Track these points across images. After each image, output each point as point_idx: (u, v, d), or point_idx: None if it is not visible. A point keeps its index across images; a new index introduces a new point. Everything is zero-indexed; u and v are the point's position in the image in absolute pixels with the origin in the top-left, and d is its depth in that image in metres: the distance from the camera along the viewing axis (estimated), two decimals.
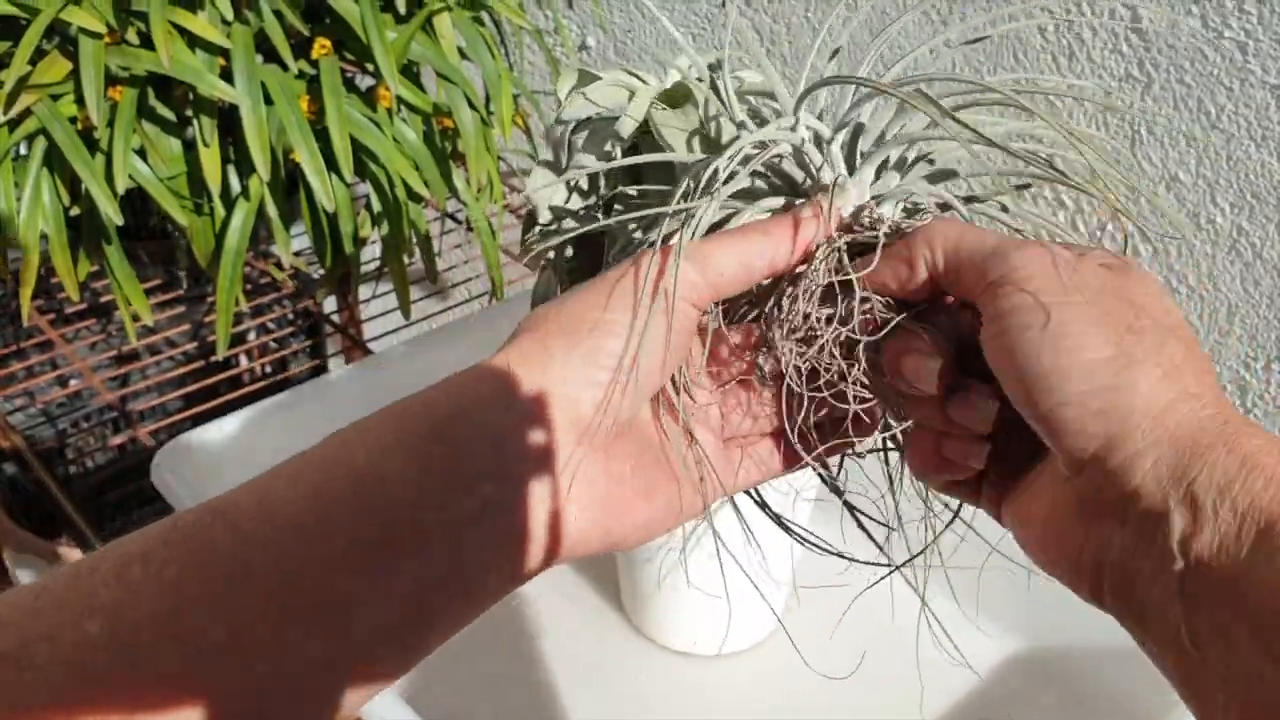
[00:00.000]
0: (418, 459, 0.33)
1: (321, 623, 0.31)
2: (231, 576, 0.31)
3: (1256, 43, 0.64)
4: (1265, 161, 0.66)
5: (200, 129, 0.72)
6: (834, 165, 0.39)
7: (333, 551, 0.31)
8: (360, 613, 0.31)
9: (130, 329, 0.79)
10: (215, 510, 0.32)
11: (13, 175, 0.71)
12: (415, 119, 0.80)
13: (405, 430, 0.34)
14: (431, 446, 0.33)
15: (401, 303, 0.86)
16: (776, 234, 0.37)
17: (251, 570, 0.31)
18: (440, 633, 0.34)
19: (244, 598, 0.30)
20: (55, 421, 1.17)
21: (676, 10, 0.97)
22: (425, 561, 0.32)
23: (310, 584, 0.31)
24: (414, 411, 0.35)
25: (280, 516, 0.32)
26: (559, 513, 0.34)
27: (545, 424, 0.34)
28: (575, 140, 0.46)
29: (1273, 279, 0.68)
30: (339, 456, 0.33)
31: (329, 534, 0.31)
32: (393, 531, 0.32)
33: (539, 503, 0.34)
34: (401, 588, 0.32)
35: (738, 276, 0.36)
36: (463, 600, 0.33)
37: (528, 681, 0.69)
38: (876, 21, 0.82)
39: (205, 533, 0.31)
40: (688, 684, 0.72)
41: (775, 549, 0.66)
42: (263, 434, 0.75)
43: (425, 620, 0.33)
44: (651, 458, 0.37)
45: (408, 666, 0.33)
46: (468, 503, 0.33)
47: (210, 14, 0.72)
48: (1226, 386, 0.72)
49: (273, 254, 1.07)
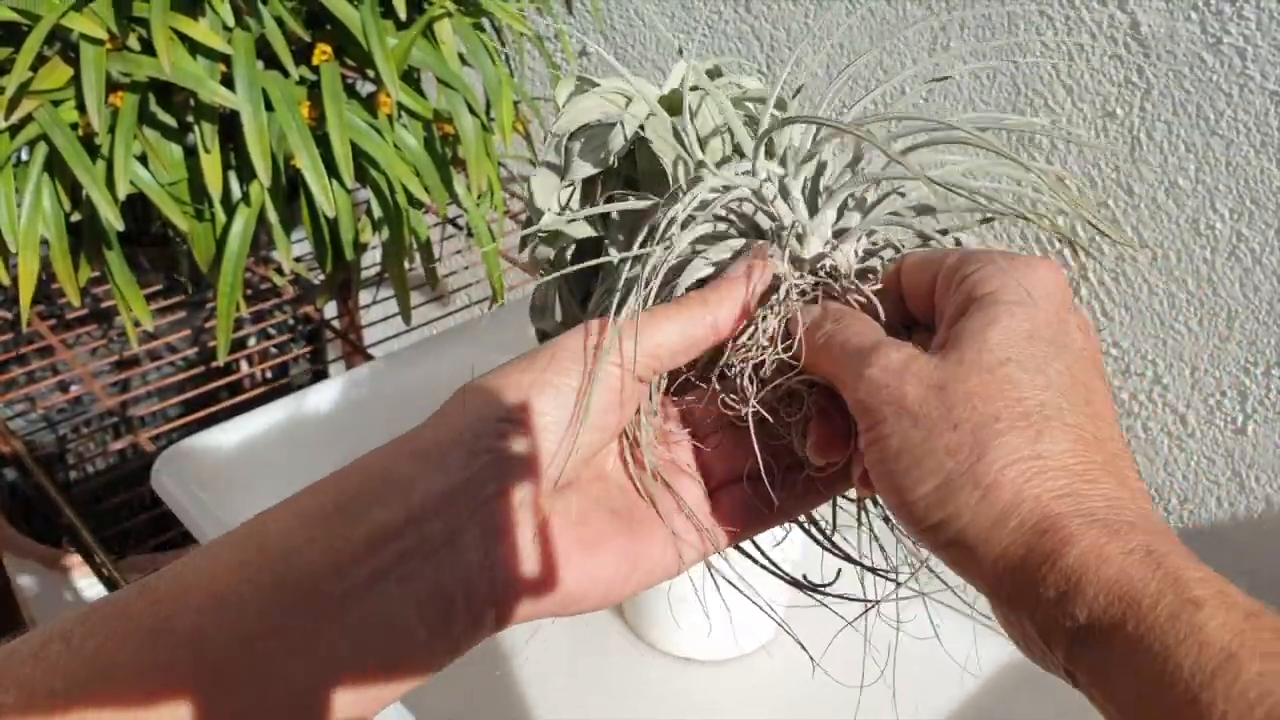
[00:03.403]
0: (320, 527, 0.33)
1: (243, 687, 0.31)
2: (153, 643, 0.30)
3: (1255, 48, 0.64)
4: (1265, 167, 0.66)
5: (201, 135, 0.73)
6: (794, 208, 0.39)
7: (246, 622, 0.31)
8: (279, 678, 0.31)
9: (131, 334, 0.79)
10: (134, 589, 0.32)
11: (14, 181, 0.71)
12: (416, 125, 0.80)
13: (315, 501, 0.34)
14: (333, 514, 0.33)
15: (402, 308, 0.86)
16: (713, 301, 0.37)
17: (171, 636, 0.31)
18: (376, 695, 0.33)
19: (164, 666, 0.30)
20: (56, 427, 1.18)
21: (676, 16, 0.97)
22: (341, 628, 0.32)
23: (228, 651, 0.31)
24: (328, 483, 0.34)
25: (196, 589, 0.32)
26: (487, 564, 0.34)
27: (459, 476, 0.34)
28: (572, 147, 0.46)
29: (1272, 285, 0.68)
30: (254, 530, 0.34)
31: (240, 604, 0.31)
32: (299, 600, 0.32)
33: (454, 558, 0.33)
34: (321, 652, 0.32)
35: (677, 349, 0.37)
36: (392, 664, 0.33)
37: (527, 685, 0.69)
38: (876, 26, 0.82)
39: (123, 606, 0.32)
40: (689, 690, 0.72)
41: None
42: (263, 439, 0.75)
43: (356, 684, 0.32)
44: (606, 511, 0.37)
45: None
46: (367, 566, 0.32)
47: (211, 20, 0.72)
48: (1226, 392, 0.72)
49: (273, 259, 1.07)
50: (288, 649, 0.31)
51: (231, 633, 0.31)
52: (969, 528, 0.31)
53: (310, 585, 0.32)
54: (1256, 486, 0.73)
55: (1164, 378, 0.75)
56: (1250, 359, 0.70)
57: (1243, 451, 0.73)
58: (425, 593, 0.33)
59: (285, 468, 0.75)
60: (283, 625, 0.31)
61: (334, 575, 0.32)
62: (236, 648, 0.31)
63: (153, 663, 0.30)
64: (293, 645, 0.31)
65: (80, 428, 1.19)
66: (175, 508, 0.70)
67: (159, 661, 0.30)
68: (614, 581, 0.36)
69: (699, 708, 0.71)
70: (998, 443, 0.31)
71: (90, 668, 0.30)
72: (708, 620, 0.70)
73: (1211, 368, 0.72)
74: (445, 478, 0.34)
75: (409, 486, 0.34)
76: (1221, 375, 0.72)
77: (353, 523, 0.33)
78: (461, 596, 0.33)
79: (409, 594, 0.33)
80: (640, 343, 0.36)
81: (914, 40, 0.80)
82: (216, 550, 0.33)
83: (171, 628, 0.31)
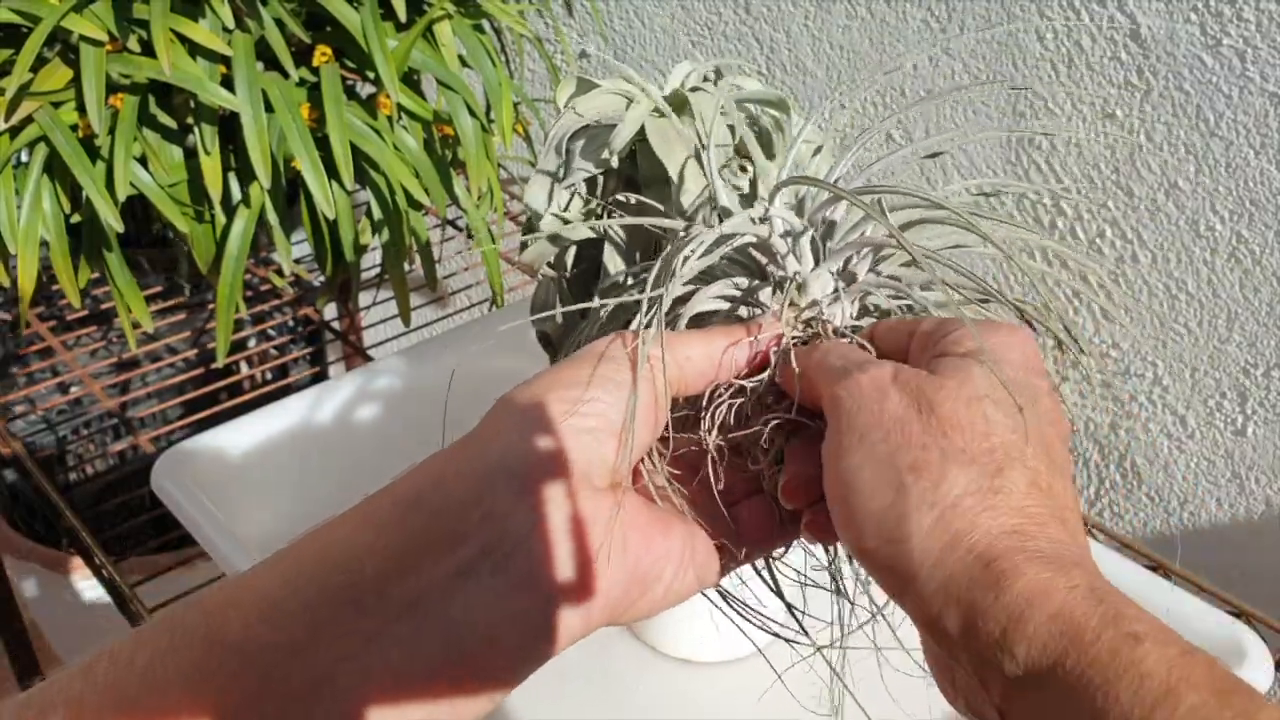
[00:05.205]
0: (393, 532, 0.33)
1: (299, 705, 0.30)
2: (206, 653, 0.30)
3: (1255, 50, 0.64)
4: (1264, 169, 0.66)
5: (201, 136, 0.73)
6: (801, 259, 0.40)
7: (299, 632, 0.31)
8: (335, 691, 0.31)
9: (131, 336, 0.79)
10: (183, 604, 0.32)
11: (13, 182, 0.71)
12: (416, 126, 0.80)
13: (376, 507, 0.34)
14: (407, 515, 0.33)
15: (402, 310, 0.86)
16: (735, 334, 0.38)
17: (222, 646, 0.30)
18: (466, 700, 0.32)
19: (219, 676, 0.30)
20: (56, 428, 1.18)
21: (676, 17, 0.97)
22: (408, 633, 0.31)
23: (283, 663, 0.31)
24: (390, 490, 0.34)
25: (247, 599, 0.31)
26: (579, 557, 0.33)
27: (541, 474, 0.34)
28: (573, 147, 0.46)
29: (1272, 286, 0.68)
30: (311, 542, 0.33)
31: (295, 615, 0.31)
32: (362, 607, 0.31)
33: (541, 550, 0.33)
34: (383, 662, 0.31)
35: (703, 368, 0.37)
36: (470, 668, 0.32)
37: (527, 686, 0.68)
38: (876, 30, 0.82)
39: (173, 621, 0.31)
40: (688, 691, 0.72)
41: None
42: (263, 441, 0.75)
43: (425, 691, 0.32)
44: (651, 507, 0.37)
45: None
46: (445, 564, 0.32)
47: (211, 22, 0.73)
48: (1226, 394, 0.72)
49: (273, 261, 1.07)
50: (339, 656, 0.31)
51: (279, 641, 0.31)
52: (916, 551, 0.31)
53: (377, 588, 0.32)
54: (1256, 488, 0.73)
55: (1164, 379, 0.75)
56: (1250, 360, 0.70)
57: (1242, 453, 0.73)
58: (510, 588, 0.32)
59: (286, 469, 0.75)
60: (339, 632, 0.31)
61: (402, 575, 0.32)
62: (286, 656, 0.30)
63: (203, 674, 0.30)
64: (349, 652, 0.31)
65: (80, 429, 1.19)
66: (175, 509, 0.70)
67: (209, 671, 0.30)
68: (680, 564, 0.36)
69: (699, 709, 0.71)
70: (960, 471, 0.32)
71: (140, 682, 0.30)
72: (708, 622, 0.70)
73: (1211, 369, 0.72)
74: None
75: (480, 495, 0.33)
76: (1221, 377, 0.72)
77: (425, 519, 0.33)
78: (541, 593, 0.33)
79: (492, 590, 0.32)
80: (671, 354, 0.36)
81: (914, 42, 0.80)
82: (274, 560, 0.33)
83: (222, 638, 0.30)
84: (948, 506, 0.31)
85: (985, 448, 0.32)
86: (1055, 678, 0.28)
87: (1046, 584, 0.29)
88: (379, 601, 0.31)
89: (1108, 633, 0.28)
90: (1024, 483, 0.32)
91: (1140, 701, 0.26)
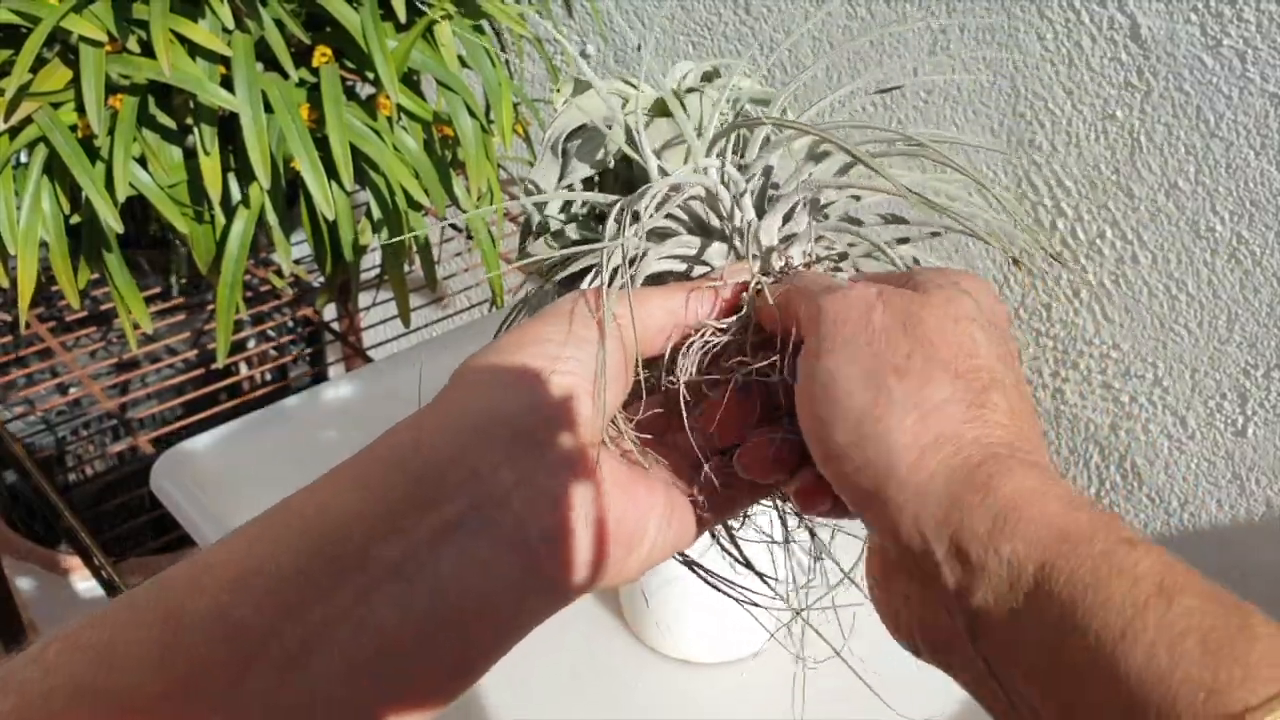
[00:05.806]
0: (376, 492, 0.32)
1: (281, 670, 0.29)
2: (162, 627, 0.29)
3: (1255, 50, 0.64)
4: (1264, 169, 0.66)
5: (201, 137, 0.73)
6: (744, 210, 0.40)
7: (277, 596, 0.30)
8: (322, 655, 0.30)
9: (130, 337, 0.79)
10: (148, 582, 0.31)
11: (13, 183, 0.71)
12: (415, 127, 0.80)
13: (358, 470, 0.33)
14: (389, 475, 0.32)
15: (401, 310, 0.86)
16: (694, 288, 0.38)
17: (188, 621, 0.29)
18: (460, 658, 0.32)
19: (183, 649, 0.29)
20: (55, 429, 1.17)
21: (676, 18, 0.97)
22: (399, 592, 0.31)
23: (260, 630, 0.29)
24: (370, 451, 0.34)
25: (216, 569, 0.30)
26: (566, 513, 0.33)
27: (525, 430, 0.34)
28: (570, 148, 0.46)
29: (1272, 287, 0.68)
30: (289, 506, 0.32)
31: (271, 578, 0.30)
32: (342, 565, 0.30)
33: (529, 506, 0.32)
34: (375, 622, 0.30)
35: (664, 322, 0.37)
36: (461, 629, 0.32)
37: (526, 687, 0.68)
38: (876, 30, 0.82)
39: (130, 598, 0.30)
40: (687, 692, 0.72)
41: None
42: (262, 441, 0.75)
43: (416, 653, 0.31)
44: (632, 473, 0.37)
45: (441, 697, 0.32)
46: (431, 521, 0.31)
47: (211, 23, 0.72)
48: (1226, 395, 0.72)
49: (273, 262, 1.07)
50: (325, 619, 0.30)
51: (257, 605, 0.30)
52: (895, 448, 0.30)
53: (362, 549, 0.31)
54: (1257, 489, 0.73)
55: (1164, 380, 0.75)
56: (1250, 361, 0.70)
57: (1243, 454, 0.73)
58: (499, 544, 0.32)
59: (285, 470, 0.75)
60: (326, 590, 0.30)
61: (388, 536, 0.31)
62: (263, 620, 0.29)
63: (160, 647, 0.29)
64: (335, 615, 0.30)
65: (79, 430, 1.19)
66: (175, 510, 0.70)
67: (167, 644, 0.29)
68: (663, 520, 0.36)
69: (698, 710, 0.71)
70: (946, 380, 0.31)
71: (91, 661, 0.29)
72: (707, 622, 0.70)
73: (1212, 370, 0.72)
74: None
75: (464, 451, 0.33)
76: (1221, 378, 0.72)
77: (409, 479, 0.32)
78: (539, 541, 0.32)
79: (481, 547, 0.32)
80: (634, 310, 0.36)
81: (914, 43, 0.80)
82: (244, 529, 0.32)
83: (184, 610, 0.29)
84: (931, 409, 0.31)
85: (971, 365, 0.32)
86: (1043, 575, 0.27)
87: (1038, 487, 0.29)
88: (364, 563, 0.31)
89: (1101, 534, 0.27)
90: (1005, 407, 0.32)
91: (1133, 600, 0.26)
